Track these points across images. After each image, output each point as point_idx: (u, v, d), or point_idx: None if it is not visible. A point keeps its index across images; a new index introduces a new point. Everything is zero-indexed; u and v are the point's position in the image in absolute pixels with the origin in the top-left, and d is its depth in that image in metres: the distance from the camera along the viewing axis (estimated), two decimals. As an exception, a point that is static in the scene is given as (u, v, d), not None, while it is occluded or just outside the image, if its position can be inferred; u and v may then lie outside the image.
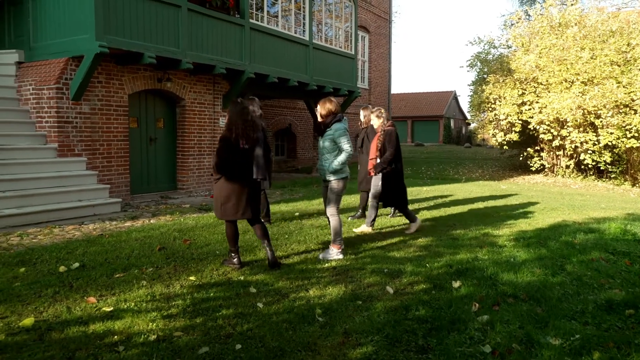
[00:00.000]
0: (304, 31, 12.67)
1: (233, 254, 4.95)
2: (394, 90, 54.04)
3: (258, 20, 11.09)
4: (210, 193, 9.59)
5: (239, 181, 4.74)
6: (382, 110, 6.88)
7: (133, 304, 3.81)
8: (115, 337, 3.23)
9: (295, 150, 17.66)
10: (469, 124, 40.34)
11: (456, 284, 4.36)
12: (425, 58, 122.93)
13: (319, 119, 5.48)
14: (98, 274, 4.57)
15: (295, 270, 4.81)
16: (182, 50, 9.14)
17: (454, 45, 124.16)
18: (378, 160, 6.69)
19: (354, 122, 20.11)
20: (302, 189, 11.57)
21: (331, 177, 5.38)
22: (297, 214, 8.05)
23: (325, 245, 5.84)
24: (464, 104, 49.83)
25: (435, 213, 8.49)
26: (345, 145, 5.27)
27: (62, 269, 4.69)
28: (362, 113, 7.94)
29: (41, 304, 3.79)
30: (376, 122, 6.86)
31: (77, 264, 4.83)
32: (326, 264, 5.06)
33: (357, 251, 5.64)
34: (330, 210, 5.42)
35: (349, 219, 7.76)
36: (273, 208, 8.50)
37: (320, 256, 5.30)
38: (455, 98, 47.35)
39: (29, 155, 7.69)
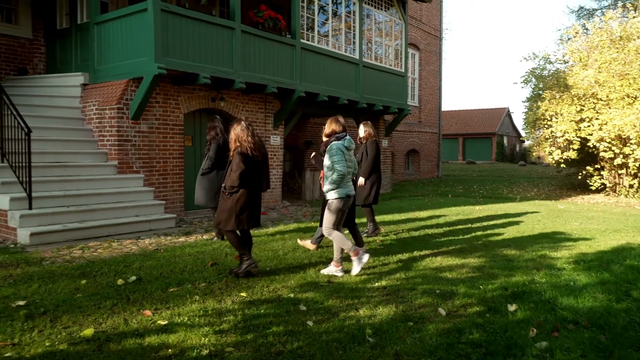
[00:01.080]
0: (354, 50, 12.76)
1: (245, 257, 5.10)
2: (445, 107, 53.42)
3: (309, 40, 11.28)
4: (265, 209, 9.72)
5: (255, 192, 5.04)
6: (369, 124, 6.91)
7: (186, 318, 3.89)
8: (170, 350, 3.30)
9: (345, 167, 17.64)
10: (524, 142, 39.20)
11: (512, 308, 4.20)
12: (477, 75, 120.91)
13: (324, 138, 5.61)
14: (153, 287, 4.71)
15: (345, 289, 4.78)
16: (235, 71, 9.40)
17: (507, 61, 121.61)
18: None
19: (403, 139, 19.98)
20: (352, 206, 11.54)
21: (328, 195, 5.40)
22: (346, 232, 8.02)
23: (373, 265, 5.78)
24: (518, 121, 48.53)
25: (489, 233, 8.25)
26: (336, 165, 5.25)
27: (120, 282, 4.86)
28: (361, 128, 7.86)
29: (100, 315, 3.94)
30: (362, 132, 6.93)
31: (134, 278, 5.00)
32: (376, 283, 5.00)
33: (407, 271, 5.55)
34: (325, 230, 5.44)
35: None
36: (316, 224, 8.50)
37: (322, 271, 5.43)
38: (509, 115, 46.20)
39: (91, 172, 8.08)
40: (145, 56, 8.14)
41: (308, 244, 6.66)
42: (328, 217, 5.40)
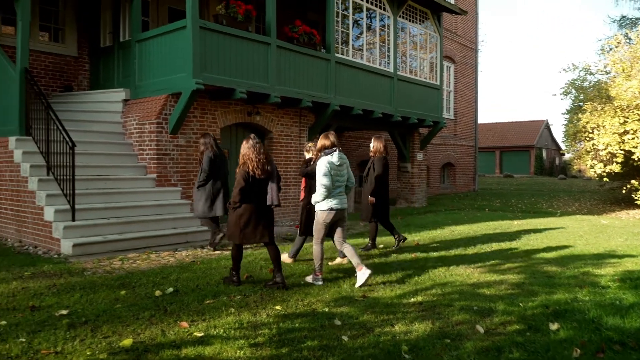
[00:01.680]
0: (388, 63, 12.76)
1: (234, 273, 5.36)
2: (481, 120, 52.61)
3: (343, 54, 11.35)
4: (295, 223, 9.75)
5: (256, 208, 5.19)
6: (310, 144, 6.80)
7: (222, 330, 3.92)
8: (205, 362, 3.33)
9: (379, 181, 17.57)
10: (564, 155, 38.21)
11: (554, 326, 4.06)
12: (515, 87, 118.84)
13: (315, 155, 5.82)
14: (190, 299, 4.77)
15: (380, 304, 4.72)
16: (270, 85, 9.54)
17: (546, 72, 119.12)
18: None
19: (438, 153, 19.76)
20: (386, 220, 11.44)
21: (316, 208, 5.57)
22: (381, 245, 7.96)
23: (408, 280, 5.71)
24: (558, 134, 47.29)
25: (528, 249, 8.02)
26: (321, 179, 5.40)
27: (157, 293, 4.95)
28: (372, 142, 7.83)
29: (139, 325, 4.01)
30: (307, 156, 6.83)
31: (171, 289, 5.08)
32: (412, 299, 4.93)
33: (444, 287, 5.45)
34: (314, 240, 5.62)
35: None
36: (355, 240, 8.47)
37: (307, 279, 5.60)
38: (548, 127, 45.12)
39: (131, 185, 8.29)
40: (184, 72, 8.35)
41: (286, 258, 6.56)
42: (315, 228, 5.61)
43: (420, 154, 15.12)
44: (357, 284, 5.36)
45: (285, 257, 6.52)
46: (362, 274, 5.36)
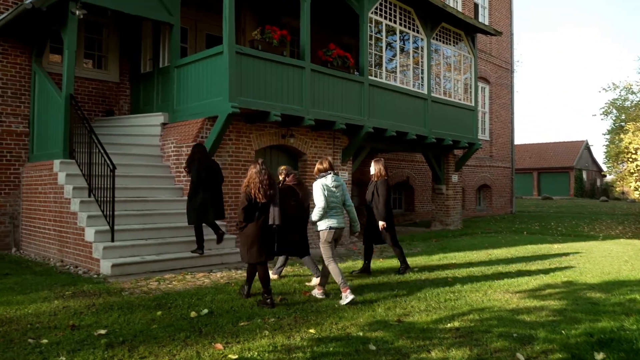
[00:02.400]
0: (422, 85, 12.74)
1: (246, 287, 5.75)
2: (518, 141, 51.61)
3: (377, 77, 11.40)
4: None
5: (260, 228, 5.50)
6: (283, 168, 7.00)
7: (256, 353, 3.91)
8: (240, 385, 3.32)
9: (413, 203, 17.42)
10: (605, 176, 37.03)
11: (599, 356, 3.89)
12: (552, 107, 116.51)
13: (316, 175, 6.15)
14: (224, 321, 4.79)
15: (416, 329, 4.63)
16: (305, 108, 9.64)
17: (584, 92, 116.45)
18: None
19: (474, 174, 19.46)
20: (421, 243, 11.29)
21: (316, 229, 5.93)
22: (415, 269, 7.83)
23: (444, 305, 5.59)
24: (598, 154, 45.94)
25: (569, 274, 7.74)
26: (316, 200, 5.80)
27: (193, 314, 4.99)
28: (372, 165, 7.77)
29: (174, 346, 4.04)
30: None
31: (206, 310, 5.12)
32: (448, 324, 4.81)
33: (481, 312, 5.30)
34: (325, 260, 5.85)
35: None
36: (390, 262, 8.37)
37: (340, 302, 5.56)
38: (588, 148, 43.95)
39: (168, 206, 8.46)
40: (220, 96, 8.54)
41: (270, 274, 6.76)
42: (321, 249, 5.90)
43: (455, 175, 14.92)
44: (342, 302, 5.54)
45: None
46: (317, 293, 5.85)
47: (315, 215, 5.84)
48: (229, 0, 8.50)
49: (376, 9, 11.38)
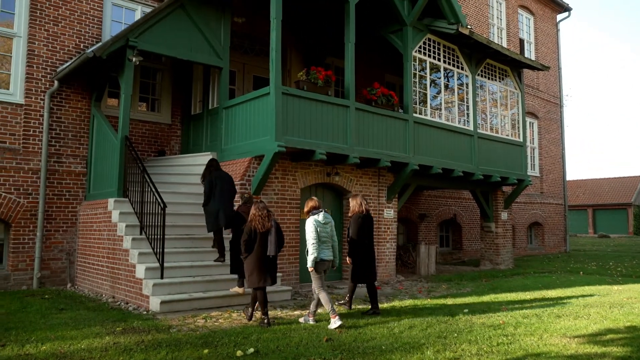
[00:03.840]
0: (467, 121, 12.62)
1: (249, 309, 6.60)
2: (570, 176, 49.93)
3: (421, 114, 11.39)
4: (378, 284, 9.54)
5: (259, 258, 6.33)
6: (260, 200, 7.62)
7: (302, 395, 3.84)
8: None
9: (461, 241, 16.99)
10: (667, 213, 35.07)
11: (671, 409, 3.59)
12: (606, 141, 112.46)
13: (305, 216, 6.78)
14: (270, 361, 4.74)
15: (467, 374, 4.43)
16: (349, 146, 9.71)
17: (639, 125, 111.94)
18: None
19: (524, 211, 18.87)
20: (470, 283, 10.93)
21: (308, 261, 6.51)
22: (465, 310, 7.56)
23: (497, 349, 5.35)
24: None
25: (632, 318, 7.27)
26: (310, 236, 6.50)
27: (239, 353, 4.98)
28: (350, 201, 7.70)
29: (220, 386, 4.02)
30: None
31: (251, 350, 5.09)
32: (502, 370, 4.59)
33: (537, 358, 5.03)
34: (316, 289, 6.50)
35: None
36: (437, 301, 8.13)
37: (329, 326, 6.16)
38: (646, 183, 41.86)
39: (215, 244, 8.58)
40: (267, 135, 8.74)
41: (236, 288, 7.54)
42: (313, 278, 6.57)
43: (505, 213, 14.50)
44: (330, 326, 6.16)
45: (236, 288, 7.58)
46: (307, 318, 6.55)
47: (310, 249, 6.46)
48: (276, 44, 8.80)
49: (420, 47, 11.48)
